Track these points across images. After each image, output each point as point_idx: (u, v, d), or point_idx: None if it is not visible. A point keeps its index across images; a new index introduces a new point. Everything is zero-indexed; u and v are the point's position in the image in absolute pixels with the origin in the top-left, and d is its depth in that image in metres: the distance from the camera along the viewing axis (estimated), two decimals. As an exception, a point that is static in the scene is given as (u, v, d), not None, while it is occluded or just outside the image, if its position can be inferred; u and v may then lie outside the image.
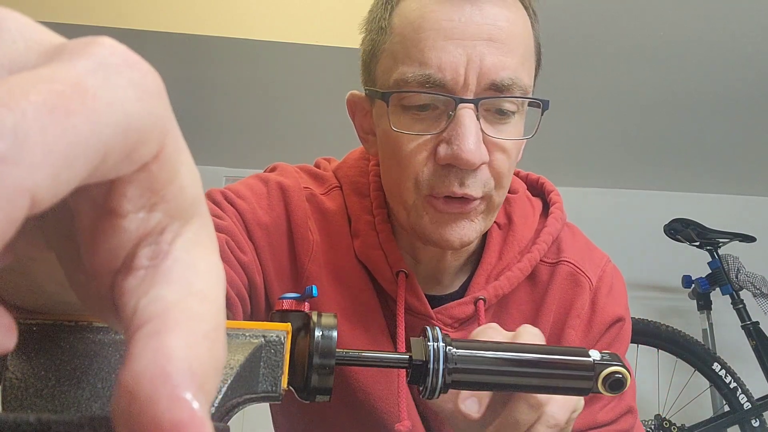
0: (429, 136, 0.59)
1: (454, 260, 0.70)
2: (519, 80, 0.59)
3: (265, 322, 0.28)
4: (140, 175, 0.14)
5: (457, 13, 0.58)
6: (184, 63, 2.14)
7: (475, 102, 0.58)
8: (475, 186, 0.59)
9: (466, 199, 0.60)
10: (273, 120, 2.53)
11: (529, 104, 0.64)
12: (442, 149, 0.58)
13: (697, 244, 2.54)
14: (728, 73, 2.18)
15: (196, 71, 2.21)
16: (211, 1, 1.98)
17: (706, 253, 2.54)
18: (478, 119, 0.58)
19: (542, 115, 0.63)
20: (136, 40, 1.98)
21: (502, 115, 0.60)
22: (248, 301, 0.65)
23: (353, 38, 2.22)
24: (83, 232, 0.15)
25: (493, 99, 0.59)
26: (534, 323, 0.70)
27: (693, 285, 2.62)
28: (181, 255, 0.15)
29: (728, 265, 2.47)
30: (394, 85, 0.60)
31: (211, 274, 0.15)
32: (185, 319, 0.14)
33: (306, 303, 0.35)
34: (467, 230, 0.61)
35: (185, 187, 0.15)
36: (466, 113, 0.57)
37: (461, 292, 0.71)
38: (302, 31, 2.01)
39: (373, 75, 0.65)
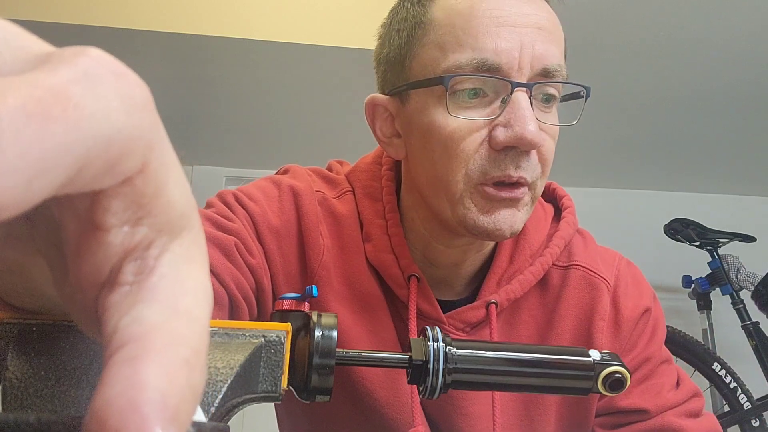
0: (482, 122, 0.59)
1: (472, 263, 0.70)
2: (563, 68, 0.61)
3: (265, 322, 0.28)
4: (124, 188, 0.14)
5: (507, 3, 0.60)
6: (184, 63, 2.15)
7: (530, 86, 0.59)
8: (528, 170, 0.60)
9: (517, 185, 0.60)
10: (273, 120, 2.53)
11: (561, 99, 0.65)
12: (500, 133, 0.58)
13: (697, 244, 2.54)
14: (728, 73, 2.18)
15: (196, 71, 2.21)
16: (211, 1, 1.98)
17: (706, 253, 2.54)
18: (531, 104, 0.59)
19: (585, 101, 0.66)
20: (136, 40, 1.99)
21: (547, 101, 0.62)
22: (255, 304, 0.64)
23: (353, 38, 2.22)
24: (68, 244, 0.15)
25: (544, 83, 0.60)
26: (547, 329, 0.70)
27: (693, 285, 2.62)
28: (167, 271, 0.15)
29: (728, 265, 2.48)
30: (444, 73, 0.60)
31: (198, 292, 0.15)
32: (165, 343, 0.13)
33: (306, 303, 0.35)
34: (516, 219, 0.61)
35: (173, 201, 0.15)
36: (522, 96, 0.58)
37: (472, 297, 0.71)
38: (302, 31, 2.01)
39: (406, 72, 0.64)
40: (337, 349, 0.33)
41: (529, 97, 0.59)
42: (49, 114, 0.11)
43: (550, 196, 0.79)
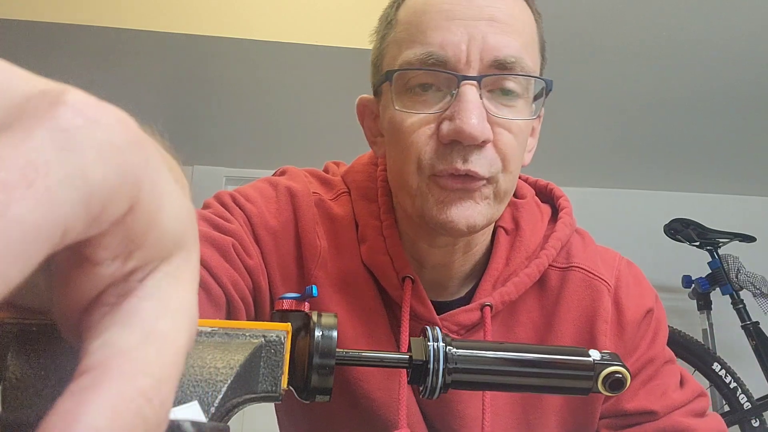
0: (432, 115, 0.59)
1: (461, 265, 0.69)
2: (522, 60, 0.59)
3: (265, 322, 0.28)
4: (115, 227, 0.14)
5: None
6: (184, 63, 2.15)
7: (478, 79, 0.58)
8: (480, 163, 0.58)
9: (470, 177, 0.59)
10: (273, 120, 2.53)
11: (535, 97, 0.64)
12: (445, 126, 0.58)
13: (697, 244, 2.54)
14: (728, 73, 2.18)
15: (196, 71, 2.21)
16: (211, 1, 1.98)
17: (706, 253, 2.54)
18: (480, 97, 0.58)
19: (546, 96, 0.63)
20: (136, 40, 1.99)
21: (506, 95, 0.60)
22: (252, 305, 0.64)
23: (353, 38, 2.22)
24: (55, 271, 0.15)
25: (495, 76, 0.59)
26: (546, 331, 0.69)
27: (693, 285, 2.62)
28: (151, 291, 0.15)
29: (728, 265, 2.48)
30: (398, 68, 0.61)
31: (179, 314, 0.15)
32: (124, 372, 0.13)
33: (306, 303, 0.35)
34: (472, 212, 0.59)
35: (166, 230, 0.15)
36: (469, 90, 0.57)
37: (467, 299, 0.70)
38: (302, 31, 2.01)
39: (381, 70, 0.66)
40: (337, 349, 0.33)
41: (479, 90, 0.58)
42: (12, 196, 0.11)
43: (548, 196, 0.78)
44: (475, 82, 0.57)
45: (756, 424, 2.15)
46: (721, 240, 2.52)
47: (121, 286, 0.15)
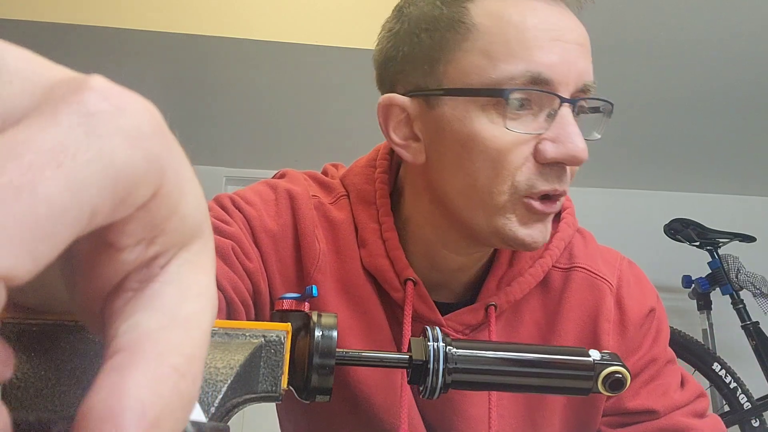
0: (529, 136, 0.59)
1: (475, 269, 0.70)
2: (594, 84, 0.63)
3: (265, 322, 0.28)
4: (139, 213, 0.14)
5: (555, 16, 0.60)
6: (184, 63, 2.15)
7: (574, 102, 0.60)
8: (567, 183, 0.61)
9: (556, 197, 0.61)
10: (273, 120, 2.53)
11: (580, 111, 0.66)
12: (549, 147, 0.58)
13: (697, 244, 2.54)
14: (728, 73, 2.18)
15: (196, 71, 2.21)
16: (211, 1, 1.98)
17: (706, 253, 2.54)
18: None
19: (609, 117, 0.67)
20: (136, 40, 1.99)
21: (578, 117, 0.62)
22: (252, 308, 0.64)
23: (353, 38, 2.21)
24: (78, 257, 0.15)
25: (585, 99, 0.62)
26: (549, 331, 0.69)
27: (693, 285, 2.62)
28: (172, 277, 0.15)
29: (728, 265, 2.48)
30: (494, 83, 0.59)
31: (201, 298, 0.15)
32: (157, 351, 0.14)
33: (306, 303, 0.35)
34: (548, 231, 0.62)
35: (187, 216, 0.15)
36: (568, 112, 0.59)
37: (472, 299, 0.70)
38: (302, 31, 2.01)
39: (439, 76, 0.62)
40: (337, 349, 0.33)
41: (573, 112, 0.60)
42: (42, 176, 0.11)
43: None
44: (571, 105, 0.59)
45: (756, 424, 2.15)
46: (721, 240, 2.52)
47: (143, 272, 0.15)
